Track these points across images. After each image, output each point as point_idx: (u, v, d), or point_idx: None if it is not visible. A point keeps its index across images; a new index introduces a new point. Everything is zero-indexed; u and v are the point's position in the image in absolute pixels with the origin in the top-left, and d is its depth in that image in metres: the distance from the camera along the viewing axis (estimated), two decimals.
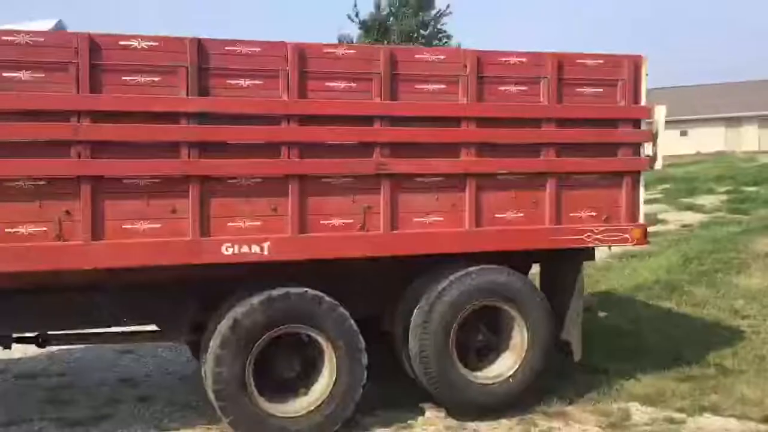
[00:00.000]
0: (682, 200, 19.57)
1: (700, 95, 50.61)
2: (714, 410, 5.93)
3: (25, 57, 4.68)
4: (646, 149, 6.13)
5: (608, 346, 7.27)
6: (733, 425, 5.72)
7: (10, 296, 5.09)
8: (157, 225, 4.95)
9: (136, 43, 4.90)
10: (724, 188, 21.02)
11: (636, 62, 6.02)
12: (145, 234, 4.94)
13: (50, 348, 6.84)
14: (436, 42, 29.31)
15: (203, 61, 5.02)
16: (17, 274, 4.81)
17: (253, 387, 5.21)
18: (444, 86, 5.57)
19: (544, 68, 5.77)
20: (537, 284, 6.45)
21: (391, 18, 30.43)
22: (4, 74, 4.66)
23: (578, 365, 6.38)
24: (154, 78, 4.93)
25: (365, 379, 5.47)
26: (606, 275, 11.01)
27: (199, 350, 5.57)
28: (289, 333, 5.32)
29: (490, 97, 5.66)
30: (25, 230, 4.72)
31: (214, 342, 5.15)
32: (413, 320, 5.69)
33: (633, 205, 6.07)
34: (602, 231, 5.97)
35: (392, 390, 6.14)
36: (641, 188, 6.12)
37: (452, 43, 28.46)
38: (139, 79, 4.90)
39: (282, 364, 5.44)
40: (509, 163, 5.73)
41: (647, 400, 6.14)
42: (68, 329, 5.65)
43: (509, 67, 5.72)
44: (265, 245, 5.13)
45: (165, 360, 7.62)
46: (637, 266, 11.46)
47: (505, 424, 5.78)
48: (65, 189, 4.78)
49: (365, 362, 5.44)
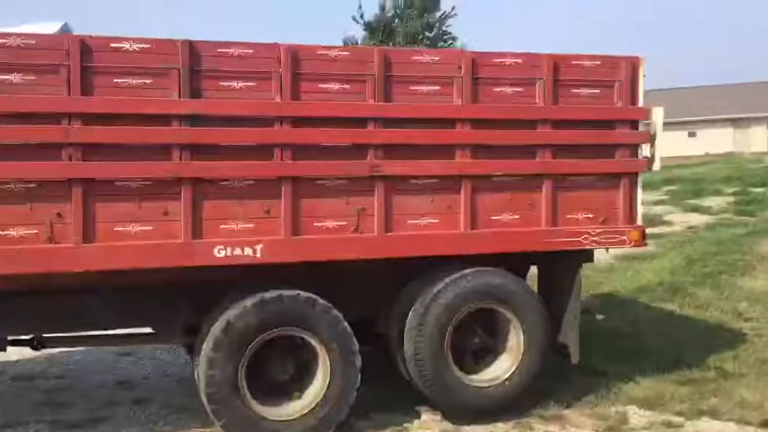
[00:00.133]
0: (689, 202, 19.47)
1: (709, 96, 50.35)
2: (713, 414, 5.87)
3: (16, 59, 4.66)
4: (644, 150, 6.08)
5: (608, 349, 7.21)
6: (732, 429, 5.66)
7: (4, 298, 5.08)
8: (149, 227, 4.93)
9: (128, 45, 4.89)
10: (732, 189, 20.89)
11: (633, 63, 5.98)
12: (137, 236, 4.92)
13: (49, 350, 6.83)
14: (442, 44, 29.30)
15: (195, 63, 5.00)
16: (9, 277, 4.79)
17: (246, 390, 5.18)
18: (438, 87, 5.53)
19: (540, 69, 5.73)
20: (535, 286, 6.42)
21: (396, 20, 30.42)
22: None
23: (577, 368, 6.32)
24: (146, 80, 4.91)
25: (359, 382, 5.44)
26: (608, 277, 10.94)
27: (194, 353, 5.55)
28: (283, 336, 5.29)
29: (485, 99, 5.62)
30: (16, 233, 4.71)
31: (207, 344, 5.13)
32: (408, 322, 5.66)
33: (631, 207, 6.02)
34: (599, 233, 5.92)
35: (388, 393, 6.10)
36: (639, 190, 6.06)
37: (457, 45, 28.43)
38: (131, 82, 4.89)
39: (275, 367, 5.42)
40: (505, 165, 5.69)
41: (646, 404, 6.08)
42: (62, 332, 5.64)
43: (504, 69, 5.68)
44: (258, 247, 5.11)
45: (163, 362, 7.61)
46: (640, 268, 11.39)
47: (501, 428, 5.74)
48: (56, 191, 4.76)
49: (359, 365, 5.41)
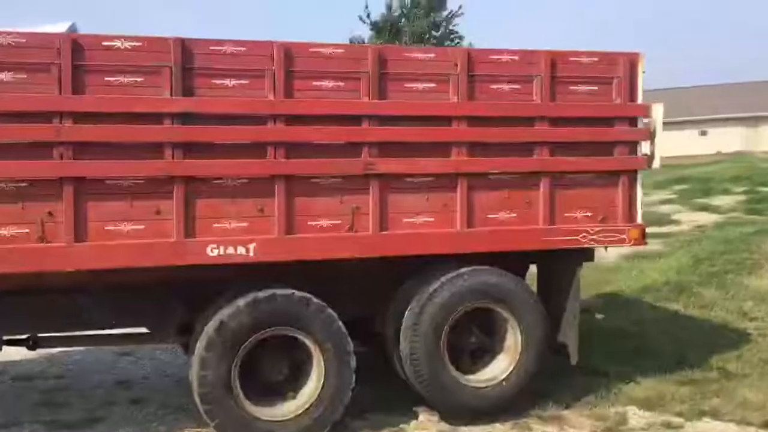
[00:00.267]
0: (698, 201, 19.31)
1: (719, 95, 49.98)
2: (714, 415, 5.80)
3: (7, 58, 4.65)
4: (644, 148, 6.01)
5: (609, 349, 7.15)
6: (733, 430, 5.59)
7: None
8: (141, 226, 4.91)
9: (120, 44, 4.87)
10: (741, 188, 20.70)
11: (632, 60, 5.91)
12: (129, 235, 4.89)
13: (49, 350, 6.87)
14: (448, 43, 29.21)
15: (187, 61, 4.97)
16: (1, 276, 4.77)
17: (239, 390, 5.15)
18: (434, 85, 5.48)
19: (537, 66, 5.67)
20: (535, 286, 6.36)
21: (403, 19, 30.38)
22: None
23: (577, 368, 6.24)
24: (138, 78, 4.89)
25: (354, 382, 5.39)
26: (614, 276, 10.84)
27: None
28: (276, 335, 5.25)
29: (482, 96, 5.57)
30: (7, 232, 4.69)
31: (200, 344, 5.10)
32: (404, 322, 5.61)
33: (630, 205, 5.95)
34: (598, 231, 5.85)
35: (386, 393, 6.06)
36: (639, 188, 5.99)
37: (464, 44, 28.32)
38: (123, 80, 4.86)
39: (269, 367, 5.38)
40: (501, 163, 5.64)
41: (646, 404, 6.00)
42: (57, 331, 5.62)
43: (501, 66, 5.63)
44: (251, 246, 5.07)
45: (163, 362, 7.59)
46: (646, 267, 11.29)
47: (499, 429, 5.69)
48: (48, 190, 4.74)
49: (354, 365, 5.37)
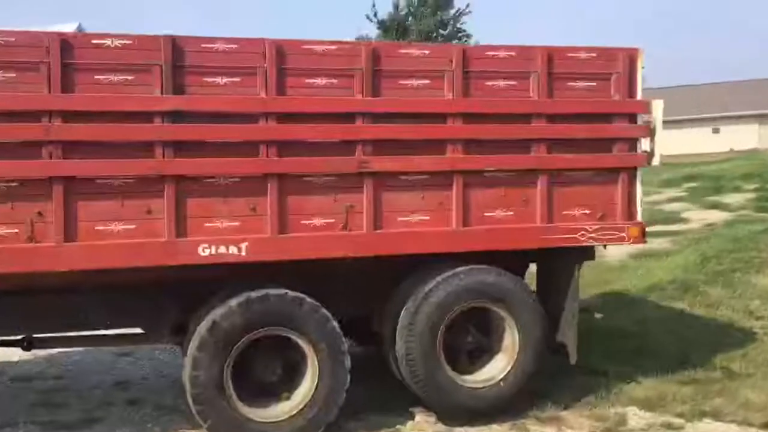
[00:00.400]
0: (708, 198, 19.08)
1: (732, 92, 49.58)
2: (715, 415, 5.70)
3: None
4: (644, 145, 5.92)
5: (611, 348, 7.06)
6: (733, 431, 5.49)
7: None
8: (132, 226, 4.87)
9: (109, 42, 4.84)
10: (752, 186, 20.48)
11: (631, 55, 5.83)
12: (120, 235, 4.86)
13: (49, 351, 6.86)
14: (456, 41, 29.14)
15: (178, 59, 4.93)
16: None
17: (232, 391, 5.10)
18: (429, 81, 5.43)
19: (534, 62, 5.60)
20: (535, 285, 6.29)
21: (410, 18, 30.35)
22: None
23: (577, 368, 6.16)
24: (128, 77, 4.86)
25: (348, 383, 5.34)
26: (620, 275, 10.73)
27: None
28: (270, 335, 5.21)
29: (477, 93, 5.51)
30: None
31: (192, 344, 5.07)
32: (400, 321, 5.55)
33: (630, 203, 5.87)
34: (597, 229, 5.77)
35: (382, 393, 6.00)
36: (638, 185, 5.91)
37: (471, 43, 28.25)
38: (112, 78, 4.83)
39: (263, 368, 5.33)
40: (498, 160, 5.57)
41: (646, 405, 5.92)
42: (52, 332, 5.60)
43: (497, 62, 5.57)
44: (244, 246, 5.03)
45: (161, 363, 7.56)
46: (653, 266, 11.14)
47: (497, 430, 5.63)
48: (37, 190, 4.72)
49: (348, 365, 5.32)
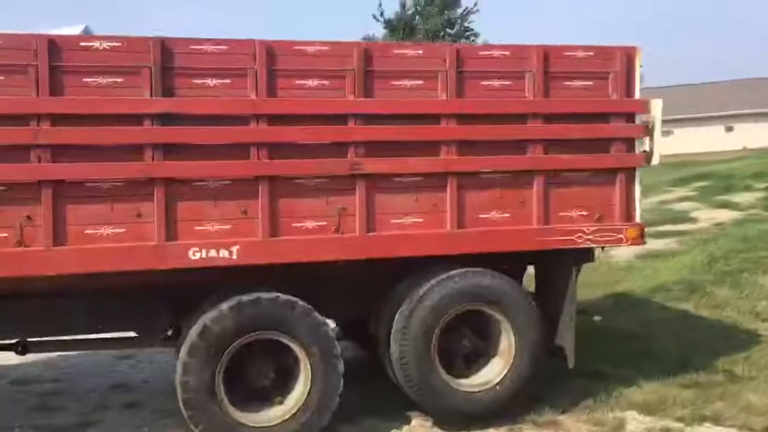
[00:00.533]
0: (718, 198, 18.90)
1: (745, 90, 49.18)
2: (715, 419, 5.61)
3: None
4: (644, 144, 5.84)
5: (612, 350, 6.97)
6: None
7: None
8: (122, 230, 4.84)
9: (98, 44, 4.81)
10: (763, 185, 20.27)
11: (629, 54, 5.74)
12: (109, 239, 4.83)
13: (48, 354, 6.85)
14: (463, 40, 29.01)
15: (168, 61, 4.89)
16: None
17: (224, 395, 5.06)
18: (422, 82, 5.37)
19: (529, 62, 5.53)
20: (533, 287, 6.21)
21: (417, 17, 30.22)
22: None
23: (577, 371, 6.07)
24: (117, 79, 4.82)
25: (342, 387, 5.28)
26: (626, 276, 10.63)
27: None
28: (262, 339, 5.16)
29: (472, 93, 5.44)
30: None
31: (183, 349, 5.02)
32: (394, 325, 5.49)
33: (628, 204, 5.78)
34: (594, 231, 5.69)
35: (378, 397, 5.94)
36: (637, 185, 5.82)
37: (479, 42, 28.16)
38: (101, 81, 4.80)
39: (255, 372, 5.28)
40: (493, 161, 5.50)
41: (646, 409, 5.83)
42: (44, 336, 5.57)
43: (492, 62, 5.50)
44: (234, 249, 4.98)
45: (163, 365, 7.49)
46: (660, 266, 11.03)
47: None
48: (26, 194, 4.69)
49: (341, 369, 5.26)
